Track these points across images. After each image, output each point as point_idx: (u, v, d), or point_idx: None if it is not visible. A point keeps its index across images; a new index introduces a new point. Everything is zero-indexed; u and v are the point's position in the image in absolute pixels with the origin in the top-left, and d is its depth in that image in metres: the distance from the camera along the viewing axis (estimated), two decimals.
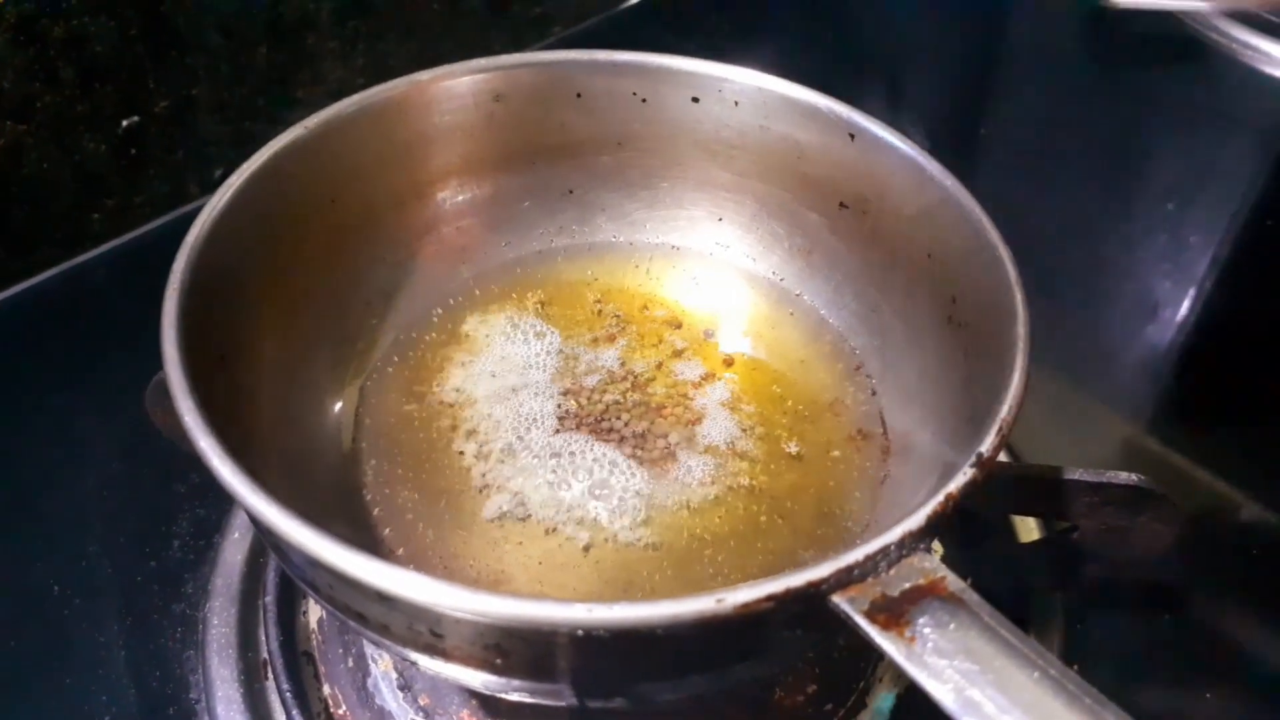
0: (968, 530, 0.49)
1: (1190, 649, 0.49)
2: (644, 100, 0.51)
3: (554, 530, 0.42)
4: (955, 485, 0.32)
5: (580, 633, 0.28)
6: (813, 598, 0.29)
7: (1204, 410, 0.63)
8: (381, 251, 0.49)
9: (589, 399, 0.47)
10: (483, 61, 0.49)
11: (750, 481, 0.44)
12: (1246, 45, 0.91)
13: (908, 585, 0.30)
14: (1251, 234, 0.76)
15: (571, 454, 0.45)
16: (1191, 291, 0.71)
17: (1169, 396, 0.65)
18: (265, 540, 0.38)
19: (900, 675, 0.46)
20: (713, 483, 0.44)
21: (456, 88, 0.48)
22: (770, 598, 0.28)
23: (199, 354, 0.35)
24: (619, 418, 0.46)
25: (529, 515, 0.43)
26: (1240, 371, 0.65)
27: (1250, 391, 0.63)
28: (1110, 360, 0.67)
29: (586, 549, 0.42)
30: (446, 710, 0.44)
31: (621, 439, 0.46)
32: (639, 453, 0.45)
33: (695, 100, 0.50)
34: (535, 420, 0.46)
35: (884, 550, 0.30)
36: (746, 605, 0.28)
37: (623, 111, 0.51)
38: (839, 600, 0.29)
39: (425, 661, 0.33)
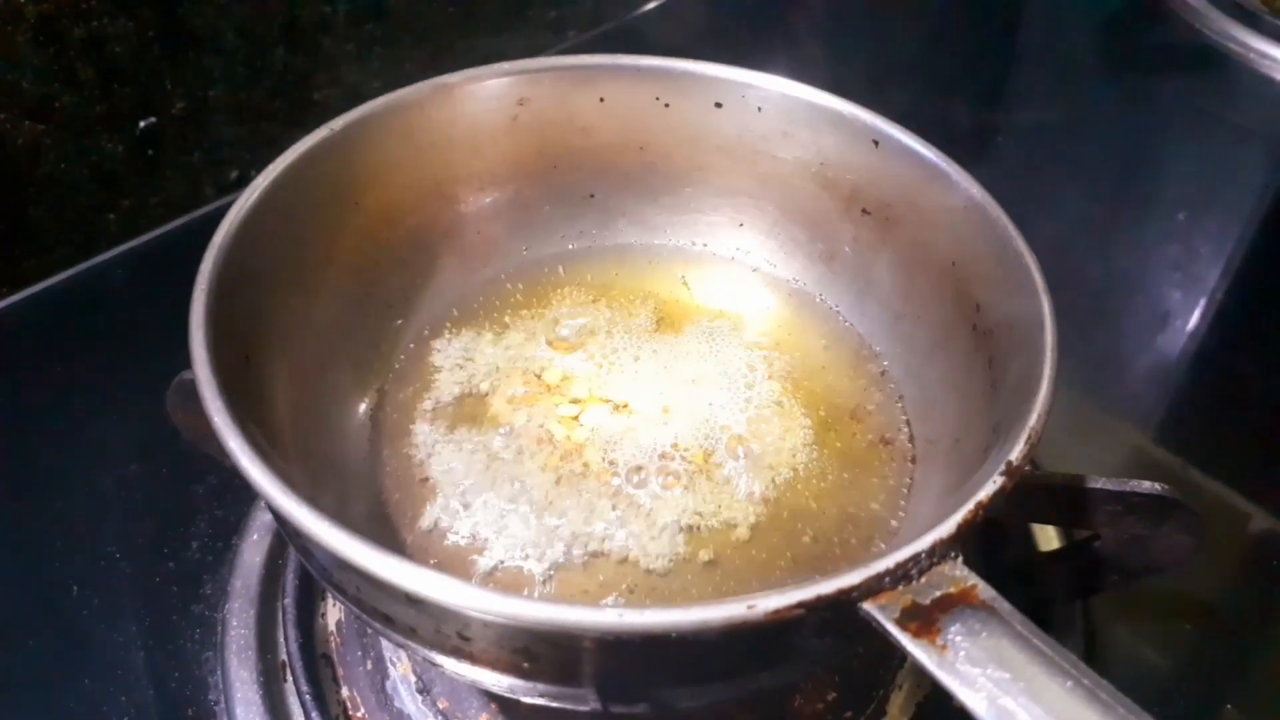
0: (986, 538, 0.49)
1: (1212, 660, 0.49)
2: (666, 105, 0.51)
3: (573, 536, 0.42)
4: (985, 493, 0.32)
5: (610, 637, 0.28)
6: (843, 605, 0.29)
7: (1214, 420, 0.63)
8: (404, 254, 0.49)
9: (611, 404, 0.47)
10: (507, 65, 0.49)
11: (773, 487, 0.44)
12: (1263, 54, 0.91)
13: (938, 593, 0.30)
14: (1263, 244, 0.76)
15: (591, 459, 0.45)
16: (1203, 301, 0.71)
17: (1179, 406, 0.65)
18: (291, 542, 0.38)
19: (919, 683, 0.46)
20: (735, 488, 0.44)
21: (481, 91, 0.48)
22: (801, 604, 0.28)
23: (225, 354, 0.35)
24: (640, 422, 0.46)
25: (548, 520, 0.42)
26: (1250, 382, 0.65)
27: (1260, 401, 0.63)
28: (1121, 370, 0.66)
29: (605, 554, 0.41)
30: (465, 713, 0.44)
31: (641, 445, 0.45)
32: (658, 459, 0.45)
33: (718, 106, 0.50)
34: (556, 426, 0.46)
35: (915, 558, 0.30)
36: (778, 612, 0.28)
37: (645, 116, 0.51)
38: (870, 608, 0.29)
39: (451, 664, 0.33)
